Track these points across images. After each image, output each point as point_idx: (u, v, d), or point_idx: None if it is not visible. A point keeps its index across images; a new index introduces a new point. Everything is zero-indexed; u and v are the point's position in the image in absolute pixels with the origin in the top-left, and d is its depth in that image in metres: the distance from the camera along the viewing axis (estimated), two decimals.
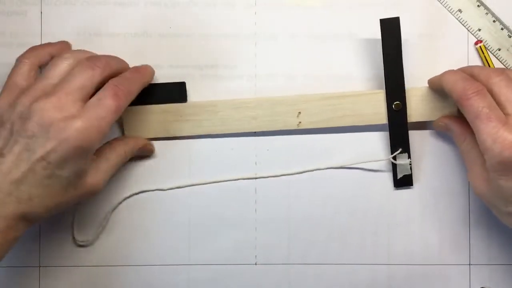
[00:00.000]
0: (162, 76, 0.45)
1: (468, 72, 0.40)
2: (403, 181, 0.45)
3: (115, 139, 0.43)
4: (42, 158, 0.35)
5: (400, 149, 0.44)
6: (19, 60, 0.40)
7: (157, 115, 0.44)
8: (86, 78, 0.38)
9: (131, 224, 0.45)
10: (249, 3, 0.46)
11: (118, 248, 0.45)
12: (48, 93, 0.36)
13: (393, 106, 0.44)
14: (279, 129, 0.44)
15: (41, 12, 0.46)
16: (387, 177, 0.45)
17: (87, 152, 0.37)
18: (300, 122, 0.44)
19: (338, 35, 0.46)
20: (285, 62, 0.46)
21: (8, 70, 0.40)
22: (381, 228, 0.45)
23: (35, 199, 0.36)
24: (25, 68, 0.40)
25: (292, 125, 0.44)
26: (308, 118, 0.44)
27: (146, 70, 0.43)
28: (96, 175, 0.39)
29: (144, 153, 0.44)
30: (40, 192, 0.36)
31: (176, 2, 0.46)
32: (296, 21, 0.46)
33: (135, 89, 0.40)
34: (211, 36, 0.46)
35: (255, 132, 0.45)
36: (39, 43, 0.45)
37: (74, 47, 0.45)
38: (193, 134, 0.44)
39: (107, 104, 0.37)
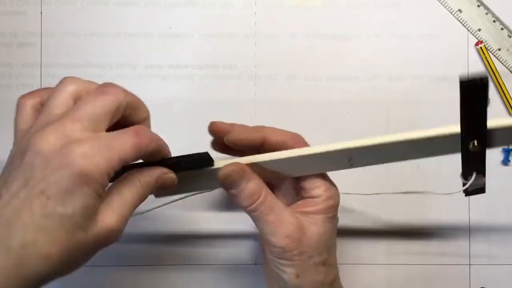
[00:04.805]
0: (162, 76, 0.45)
1: None
2: (474, 191, 0.38)
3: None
4: (41, 192, 0.28)
5: (474, 174, 0.37)
6: (18, 102, 0.34)
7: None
8: (96, 105, 0.31)
9: (131, 225, 0.45)
10: (249, 3, 0.46)
11: (117, 248, 0.45)
12: (50, 123, 0.30)
13: (469, 147, 0.35)
14: (327, 171, 0.38)
15: (41, 12, 0.46)
16: None
17: (94, 183, 0.29)
18: (352, 164, 0.37)
19: (338, 35, 0.46)
20: (285, 62, 0.46)
21: (8, 71, 0.39)
22: (381, 228, 0.46)
23: (28, 247, 0.28)
24: (26, 110, 0.33)
25: (343, 166, 0.37)
26: (361, 160, 0.36)
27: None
28: (109, 214, 0.31)
29: (164, 184, 0.35)
30: (36, 238, 0.28)
31: (176, 2, 0.46)
32: (296, 21, 0.46)
33: (158, 141, 0.34)
34: (211, 36, 0.46)
35: None
36: (39, 43, 0.45)
37: (74, 47, 0.45)
38: None
39: (124, 137, 0.31)
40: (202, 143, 0.39)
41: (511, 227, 0.46)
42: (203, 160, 0.36)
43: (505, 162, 0.46)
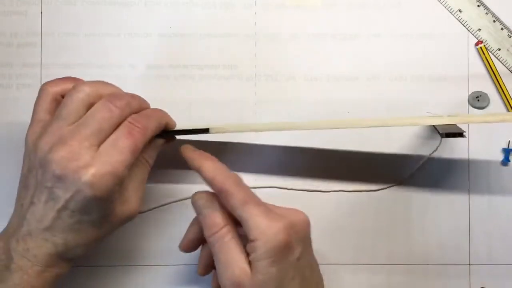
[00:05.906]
0: (162, 76, 0.45)
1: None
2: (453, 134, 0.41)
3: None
4: (64, 207, 0.35)
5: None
6: (41, 87, 0.38)
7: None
8: (103, 120, 0.35)
9: (131, 224, 0.45)
10: (249, 3, 0.46)
11: (118, 248, 0.45)
12: (62, 139, 0.35)
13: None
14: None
15: (41, 12, 0.46)
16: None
17: (106, 197, 0.35)
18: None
19: (338, 35, 0.46)
20: (285, 62, 0.46)
21: (8, 71, 0.39)
22: (381, 228, 0.46)
23: (70, 242, 0.36)
24: (47, 100, 0.38)
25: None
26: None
27: (165, 113, 0.40)
28: (126, 202, 0.37)
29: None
30: (74, 236, 0.36)
31: (176, 2, 0.46)
32: (296, 21, 0.46)
33: (152, 126, 0.37)
34: (211, 36, 0.46)
35: None
36: (39, 43, 0.45)
37: (73, 47, 0.45)
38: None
39: (121, 146, 0.35)
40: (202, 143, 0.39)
41: (511, 227, 0.46)
42: (201, 129, 0.40)
43: (505, 162, 0.46)
